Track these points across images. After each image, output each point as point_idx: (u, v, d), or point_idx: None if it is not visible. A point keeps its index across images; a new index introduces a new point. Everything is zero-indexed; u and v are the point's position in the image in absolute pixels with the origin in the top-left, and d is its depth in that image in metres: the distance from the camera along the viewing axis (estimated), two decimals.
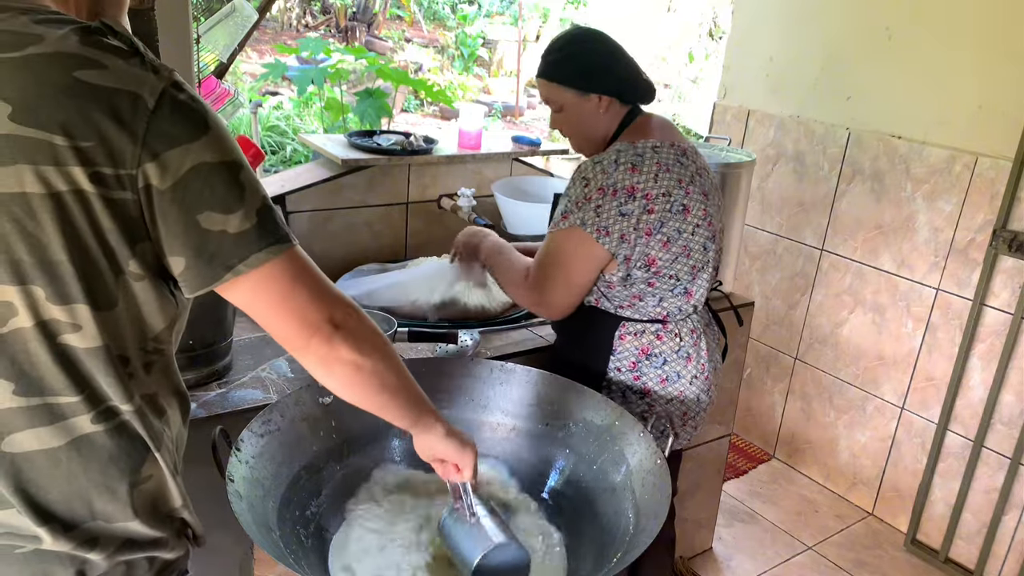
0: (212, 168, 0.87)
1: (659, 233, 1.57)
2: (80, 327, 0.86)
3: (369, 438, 1.45)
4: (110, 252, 0.86)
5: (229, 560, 1.60)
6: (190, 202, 0.86)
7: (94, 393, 0.89)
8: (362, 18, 10.94)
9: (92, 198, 0.83)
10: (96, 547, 0.91)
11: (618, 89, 1.64)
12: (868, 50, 2.69)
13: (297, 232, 2.28)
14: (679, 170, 1.59)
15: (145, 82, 0.84)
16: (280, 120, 6.62)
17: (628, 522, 1.27)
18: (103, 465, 0.91)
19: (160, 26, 1.77)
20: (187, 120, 0.86)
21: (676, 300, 1.65)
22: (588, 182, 1.58)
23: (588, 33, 1.68)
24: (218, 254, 0.88)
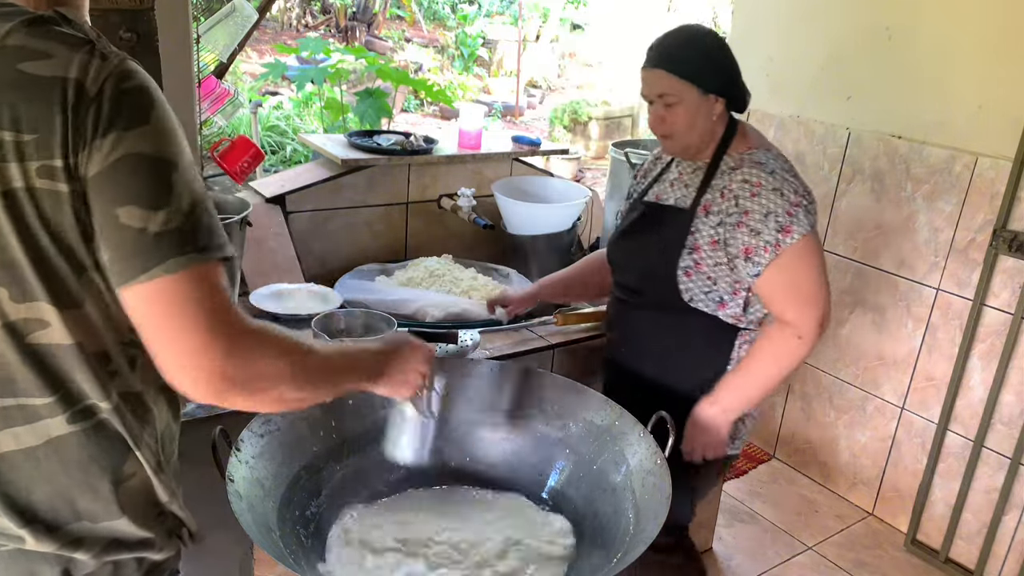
0: (142, 160, 0.82)
1: None
2: (48, 324, 0.85)
3: (369, 438, 1.45)
4: (67, 249, 0.83)
5: (229, 560, 1.60)
6: (113, 192, 0.81)
7: (69, 393, 0.87)
8: (362, 18, 10.94)
9: (42, 194, 0.81)
10: (81, 547, 0.90)
11: (733, 95, 1.62)
12: (868, 50, 2.69)
13: (297, 232, 2.29)
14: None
15: (89, 69, 0.82)
16: (280, 120, 6.62)
17: (628, 522, 1.27)
18: (83, 464, 0.89)
19: (160, 26, 1.77)
20: (127, 108, 0.83)
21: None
22: (782, 192, 1.53)
23: (713, 33, 1.64)
24: (135, 253, 0.82)
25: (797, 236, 1.51)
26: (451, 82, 9.56)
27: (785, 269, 1.53)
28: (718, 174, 1.61)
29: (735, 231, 1.54)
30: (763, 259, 1.53)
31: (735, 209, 1.55)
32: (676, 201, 1.66)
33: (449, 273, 2.32)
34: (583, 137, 8.58)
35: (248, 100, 4.83)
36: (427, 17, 11.61)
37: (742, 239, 1.54)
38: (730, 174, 1.59)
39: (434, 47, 11.14)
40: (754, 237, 1.53)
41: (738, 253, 1.55)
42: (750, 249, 1.54)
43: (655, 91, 1.59)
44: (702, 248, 1.59)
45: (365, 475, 1.43)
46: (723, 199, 1.57)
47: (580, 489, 1.41)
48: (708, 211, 1.59)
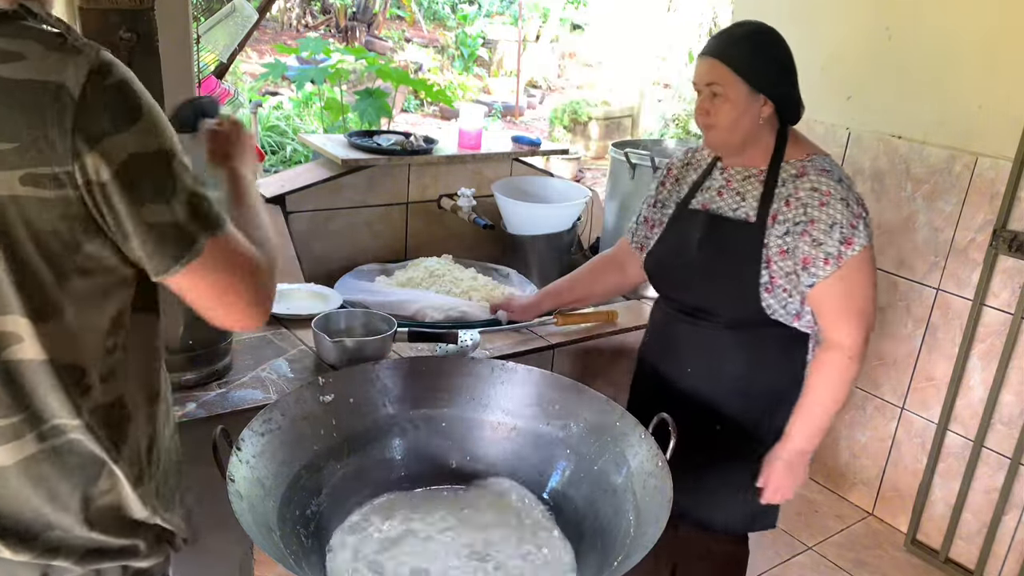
0: (147, 159, 0.84)
1: None
2: (22, 339, 0.83)
3: (370, 437, 1.45)
4: (51, 257, 0.82)
5: (229, 560, 1.60)
6: (131, 195, 0.83)
7: (36, 411, 0.86)
8: (362, 18, 10.94)
9: (26, 202, 0.79)
10: (59, 555, 0.90)
11: (785, 102, 1.59)
12: (868, 50, 2.69)
13: (297, 232, 2.29)
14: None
15: (67, 69, 0.79)
16: (280, 120, 6.62)
17: (629, 524, 1.27)
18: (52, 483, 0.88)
19: (160, 26, 1.77)
20: (117, 106, 0.82)
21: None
22: (848, 202, 1.52)
23: (779, 37, 1.59)
24: (166, 246, 0.86)
25: (858, 248, 1.50)
26: (451, 82, 9.56)
27: (842, 281, 1.51)
28: (780, 182, 1.57)
29: (799, 239, 1.53)
30: (821, 271, 1.51)
31: (803, 217, 1.52)
32: (735, 212, 1.61)
33: (449, 273, 2.32)
34: (583, 137, 8.58)
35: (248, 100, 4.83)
36: (427, 17, 11.61)
37: (803, 248, 1.52)
38: (794, 182, 1.55)
39: (434, 47, 11.14)
40: (815, 247, 1.51)
41: (798, 262, 1.54)
42: (808, 259, 1.52)
43: (704, 79, 1.55)
44: (774, 260, 1.56)
45: (366, 474, 1.43)
46: (789, 207, 1.54)
47: (581, 490, 1.41)
48: (775, 221, 1.56)
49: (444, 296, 2.18)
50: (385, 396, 1.49)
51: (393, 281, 2.28)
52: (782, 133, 1.61)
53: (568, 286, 2.00)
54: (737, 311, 1.60)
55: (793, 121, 1.62)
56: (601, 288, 1.98)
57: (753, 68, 1.52)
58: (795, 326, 1.60)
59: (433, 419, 1.51)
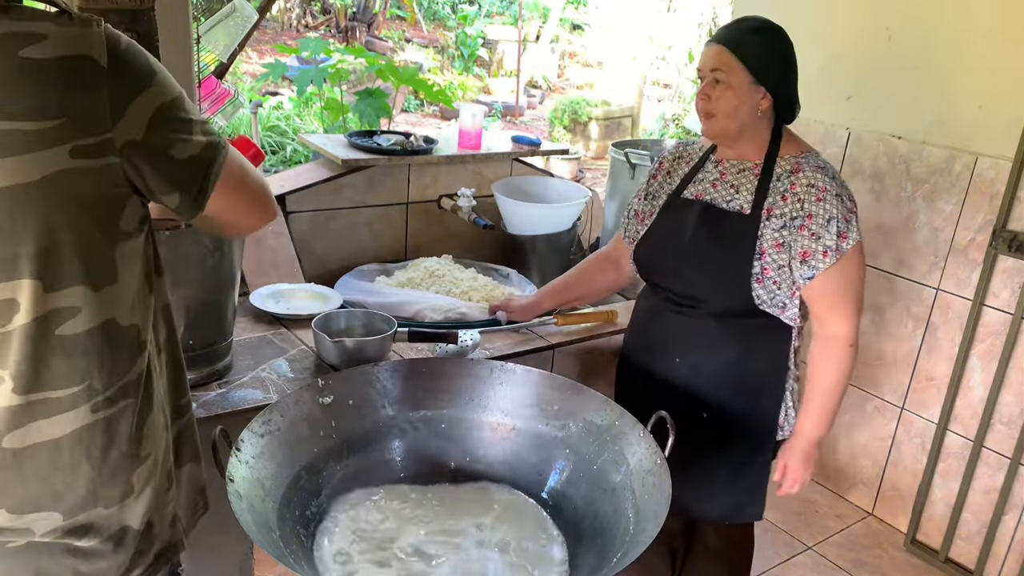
0: (168, 106, 0.91)
1: None
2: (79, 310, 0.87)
3: (369, 438, 1.46)
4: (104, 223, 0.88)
5: (229, 560, 1.60)
6: (162, 143, 0.90)
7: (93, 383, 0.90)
8: (362, 18, 10.95)
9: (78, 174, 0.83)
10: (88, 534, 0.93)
11: (783, 99, 1.62)
12: (868, 50, 2.69)
13: (297, 232, 2.29)
14: None
15: (88, 41, 0.84)
16: (280, 120, 6.62)
17: (628, 522, 1.27)
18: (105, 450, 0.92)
19: (160, 26, 1.77)
20: (136, 67, 0.89)
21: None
22: (842, 198, 1.56)
23: (784, 34, 1.63)
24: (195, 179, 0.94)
25: (852, 242, 1.55)
26: (451, 82, 9.56)
27: (839, 274, 1.56)
28: (775, 177, 1.60)
29: (797, 234, 1.56)
30: (820, 263, 1.55)
31: (800, 212, 1.55)
32: (729, 204, 1.63)
33: (449, 273, 2.32)
34: (583, 137, 8.58)
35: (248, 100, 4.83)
36: (427, 17, 11.62)
37: (801, 242, 1.55)
38: (789, 177, 1.59)
39: (434, 47, 11.15)
40: (814, 241, 1.54)
41: (796, 255, 1.57)
42: (808, 253, 1.55)
43: (709, 65, 1.57)
44: (767, 253, 1.58)
45: (365, 475, 1.43)
46: (785, 202, 1.57)
47: (580, 489, 1.41)
48: (771, 215, 1.58)
49: (443, 297, 2.18)
50: (384, 397, 1.49)
51: (393, 281, 2.28)
52: (777, 129, 1.64)
53: (565, 285, 2.02)
54: (727, 300, 1.63)
55: (788, 120, 1.66)
56: (599, 286, 1.99)
57: (757, 59, 1.55)
58: (780, 318, 1.65)
59: (432, 420, 1.51)
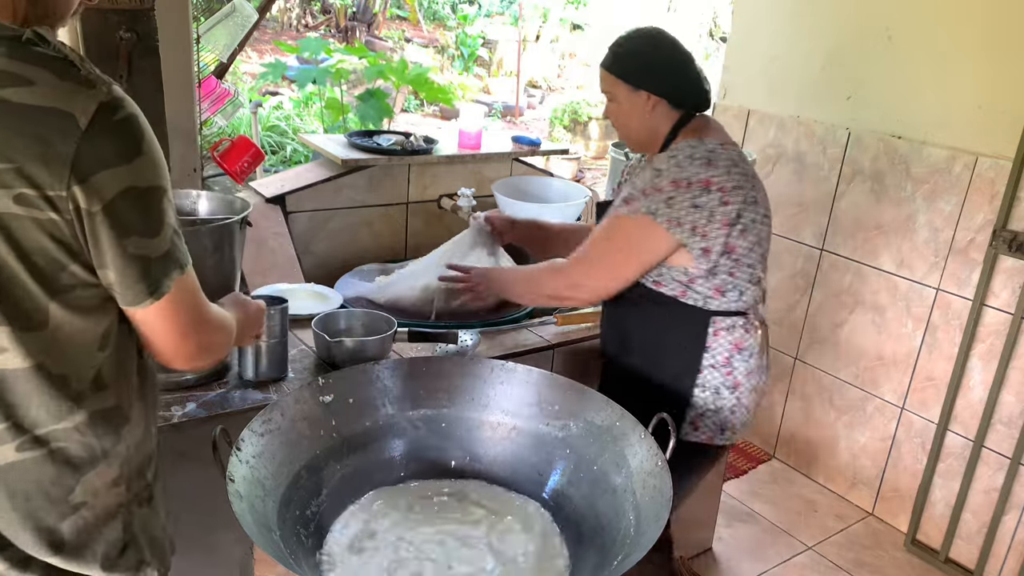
0: (140, 194, 0.87)
1: (739, 223, 1.60)
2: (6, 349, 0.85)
3: (370, 437, 1.45)
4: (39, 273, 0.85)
5: (229, 560, 1.60)
6: (118, 227, 0.85)
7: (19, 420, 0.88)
8: (362, 18, 10.95)
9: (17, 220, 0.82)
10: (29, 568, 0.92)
11: (669, 92, 1.66)
12: (868, 50, 2.69)
13: (297, 232, 2.29)
14: (745, 166, 1.64)
15: (77, 99, 0.81)
16: (280, 120, 6.62)
17: (629, 524, 1.26)
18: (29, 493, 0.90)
19: (160, 26, 1.77)
20: (120, 142, 0.84)
21: (753, 291, 1.68)
22: (660, 173, 1.60)
23: (653, 34, 1.71)
24: (141, 278, 0.89)
25: (632, 212, 1.60)
26: (451, 82, 9.56)
27: (603, 227, 1.65)
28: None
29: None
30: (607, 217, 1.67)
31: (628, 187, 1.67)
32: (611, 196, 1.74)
33: None
34: (583, 137, 8.58)
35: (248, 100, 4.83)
36: (427, 17, 11.62)
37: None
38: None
39: (434, 47, 11.14)
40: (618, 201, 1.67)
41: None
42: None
43: (601, 89, 1.72)
44: None
45: (366, 474, 1.43)
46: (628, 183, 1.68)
47: (580, 489, 1.41)
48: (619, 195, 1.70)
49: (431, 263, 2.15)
50: (385, 396, 1.49)
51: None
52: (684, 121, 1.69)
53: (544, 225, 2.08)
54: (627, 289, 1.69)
55: (696, 108, 1.70)
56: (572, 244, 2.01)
57: (628, 68, 1.67)
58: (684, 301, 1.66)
59: (433, 419, 1.51)
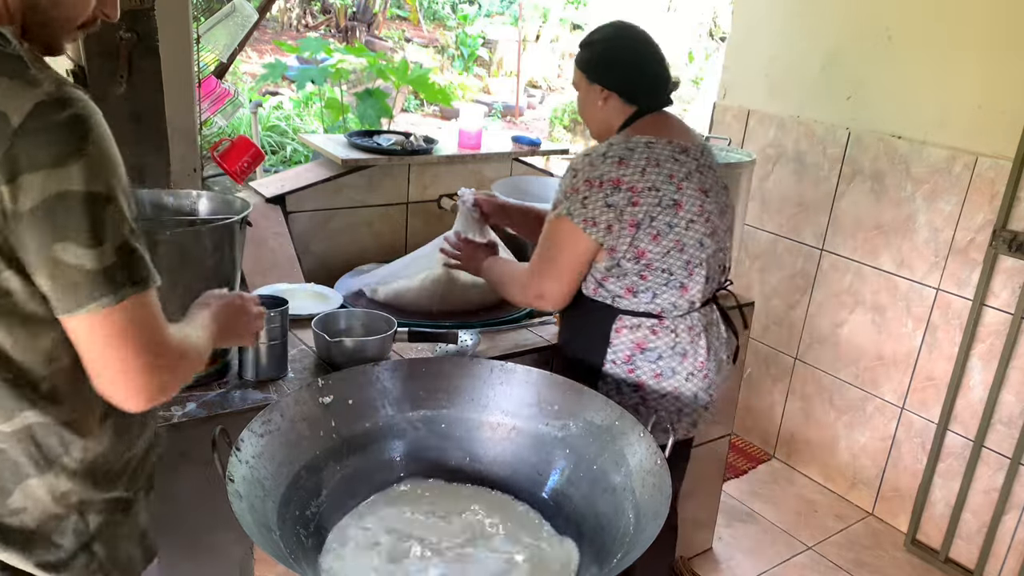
0: (76, 198, 0.81)
1: (648, 227, 1.60)
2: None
3: (369, 438, 1.46)
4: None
5: (229, 560, 1.60)
6: (48, 231, 0.81)
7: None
8: (362, 18, 10.95)
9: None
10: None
11: (622, 88, 1.68)
12: (868, 50, 2.69)
13: (297, 232, 2.29)
14: (672, 166, 1.62)
15: (14, 98, 0.79)
16: (280, 120, 6.62)
17: (628, 522, 1.27)
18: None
19: (160, 26, 1.77)
20: (58, 142, 0.80)
21: (670, 295, 1.66)
22: (576, 173, 1.63)
23: (618, 29, 1.74)
24: (73, 288, 0.83)
25: (556, 215, 1.64)
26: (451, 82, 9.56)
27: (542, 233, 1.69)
28: None
29: None
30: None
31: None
32: None
33: None
34: (583, 137, 8.58)
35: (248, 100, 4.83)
36: (427, 17, 11.62)
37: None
38: None
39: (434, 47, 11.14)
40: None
41: None
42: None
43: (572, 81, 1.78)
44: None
45: (365, 475, 1.43)
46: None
47: (580, 489, 1.41)
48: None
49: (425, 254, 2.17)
50: (384, 397, 1.49)
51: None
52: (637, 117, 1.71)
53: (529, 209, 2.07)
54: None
55: (653, 106, 1.72)
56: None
57: (587, 61, 1.72)
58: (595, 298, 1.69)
59: (433, 420, 1.51)
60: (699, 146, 1.70)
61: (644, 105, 1.70)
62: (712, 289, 1.75)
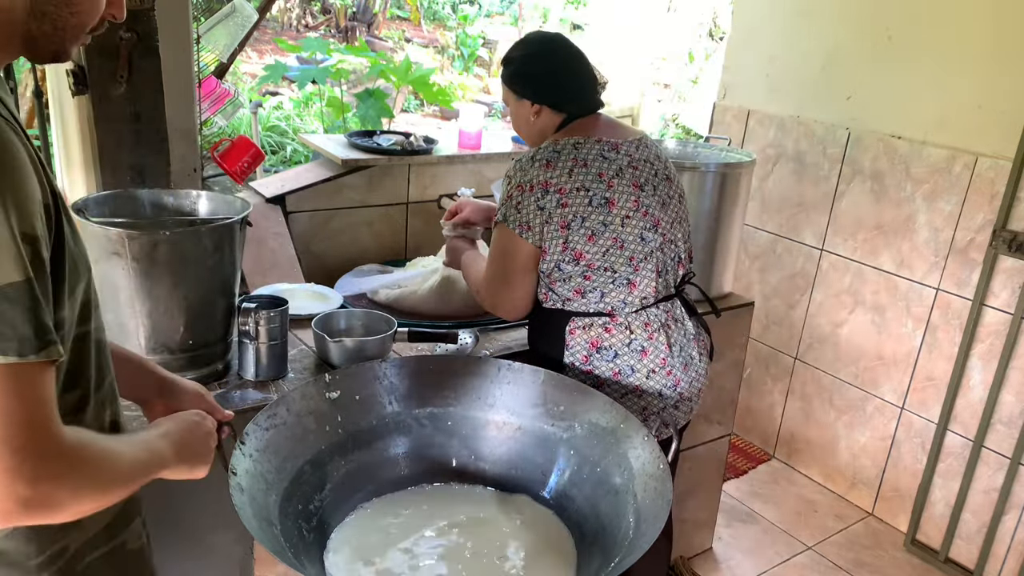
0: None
1: (581, 227, 1.61)
2: None
3: (375, 434, 1.46)
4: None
5: (229, 560, 1.60)
6: None
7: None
8: (362, 18, 10.94)
9: None
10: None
11: (550, 99, 1.72)
12: (868, 50, 2.69)
13: (297, 232, 2.29)
14: (601, 164, 1.64)
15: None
16: (280, 120, 6.62)
17: (628, 525, 1.27)
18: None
19: (160, 26, 1.77)
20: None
21: (619, 293, 1.66)
22: (510, 180, 1.66)
23: (538, 41, 1.78)
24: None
25: (497, 222, 1.69)
26: (451, 82, 9.56)
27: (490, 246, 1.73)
28: None
29: None
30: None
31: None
32: None
33: None
34: None
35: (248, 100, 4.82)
36: (427, 17, 11.62)
37: None
38: None
39: (434, 47, 11.14)
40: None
41: None
42: None
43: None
44: None
45: (370, 471, 1.43)
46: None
47: (583, 490, 1.41)
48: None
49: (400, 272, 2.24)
50: (391, 394, 1.49)
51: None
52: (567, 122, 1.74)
53: None
54: None
55: (581, 114, 1.74)
56: None
57: (511, 78, 1.75)
58: (547, 304, 1.71)
59: (438, 417, 1.51)
60: (632, 141, 1.71)
61: (573, 111, 1.73)
62: (668, 283, 1.74)
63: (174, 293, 1.46)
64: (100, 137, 1.76)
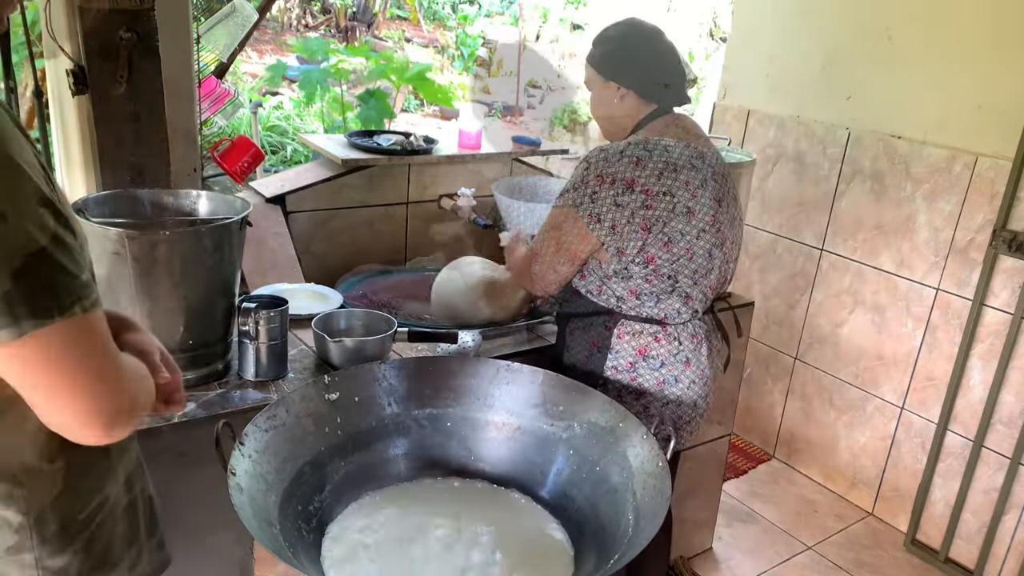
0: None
1: (660, 232, 1.57)
2: None
3: (374, 435, 1.46)
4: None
5: (229, 560, 1.60)
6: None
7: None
8: (362, 18, 10.94)
9: None
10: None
11: (638, 85, 1.67)
12: (868, 50, 2.69)
13: (297, 232, 2.29)
14: (689, 172, 1.59)
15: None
16: (280, 120, 6.61)
17: (628, 523, 1.27)
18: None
19: (160, 26, 1.77)
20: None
21: (674, 302, 1.64)
22: (589, 166, 1.60)
23: (632, 26, 1.73)
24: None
25: (561, 203, 1.63)
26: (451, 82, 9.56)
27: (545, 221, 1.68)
28: None
29: None
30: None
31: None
32: None
33: None
34: (583, 137, 8.59)
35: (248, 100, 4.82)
36: (427, 17, 11.62)
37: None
38: None
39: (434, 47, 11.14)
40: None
41: None
42: None
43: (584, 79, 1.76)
44: None
45: (369, 472, 1.43)
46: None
47: (583, 489, 1.41)
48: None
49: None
50: (390, 395, 1.49)
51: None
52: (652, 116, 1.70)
53: None
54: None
55: (670, 104, 1.71)
56: None
57: (601, 59, 1.70)
58: (597, 299, 1.68)
59: (438, 418, 1.51)
60: (715, 152, 1.69)
61: (662, 103, 1.69)
62: (712, 299, 1.74)
63: (174, 293, 1.46)
64: (100, 137, 1.76)
